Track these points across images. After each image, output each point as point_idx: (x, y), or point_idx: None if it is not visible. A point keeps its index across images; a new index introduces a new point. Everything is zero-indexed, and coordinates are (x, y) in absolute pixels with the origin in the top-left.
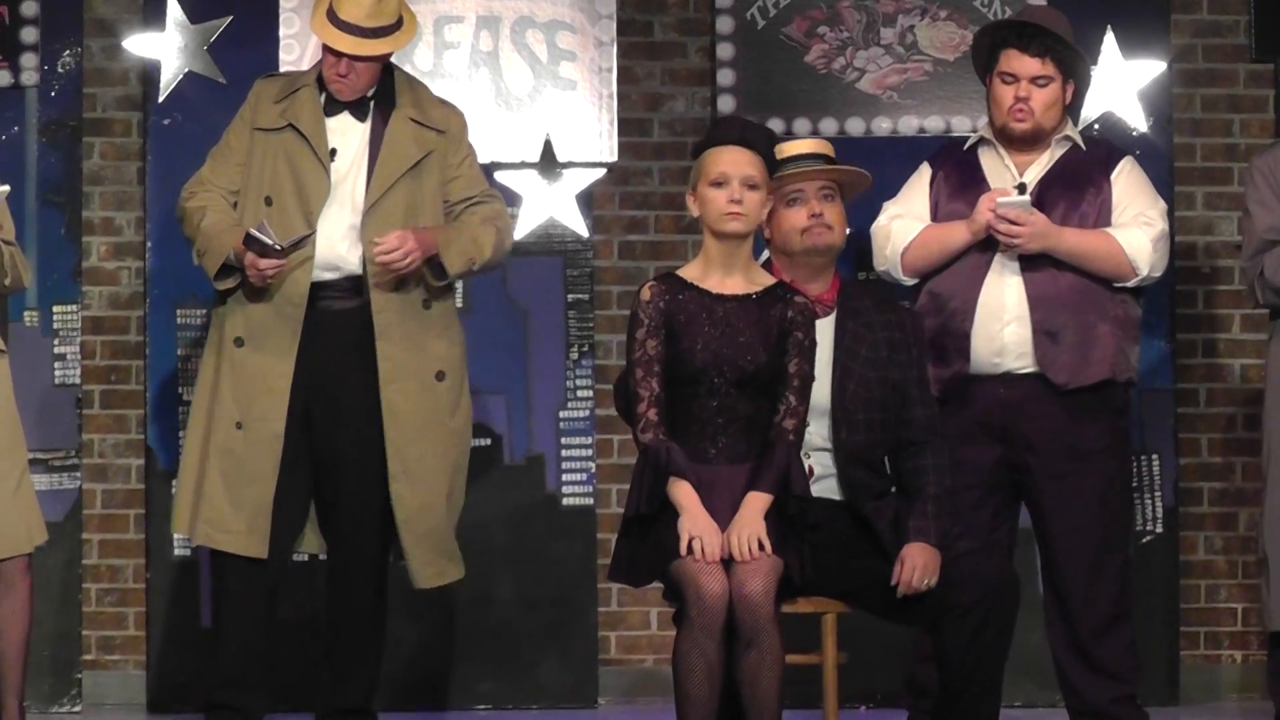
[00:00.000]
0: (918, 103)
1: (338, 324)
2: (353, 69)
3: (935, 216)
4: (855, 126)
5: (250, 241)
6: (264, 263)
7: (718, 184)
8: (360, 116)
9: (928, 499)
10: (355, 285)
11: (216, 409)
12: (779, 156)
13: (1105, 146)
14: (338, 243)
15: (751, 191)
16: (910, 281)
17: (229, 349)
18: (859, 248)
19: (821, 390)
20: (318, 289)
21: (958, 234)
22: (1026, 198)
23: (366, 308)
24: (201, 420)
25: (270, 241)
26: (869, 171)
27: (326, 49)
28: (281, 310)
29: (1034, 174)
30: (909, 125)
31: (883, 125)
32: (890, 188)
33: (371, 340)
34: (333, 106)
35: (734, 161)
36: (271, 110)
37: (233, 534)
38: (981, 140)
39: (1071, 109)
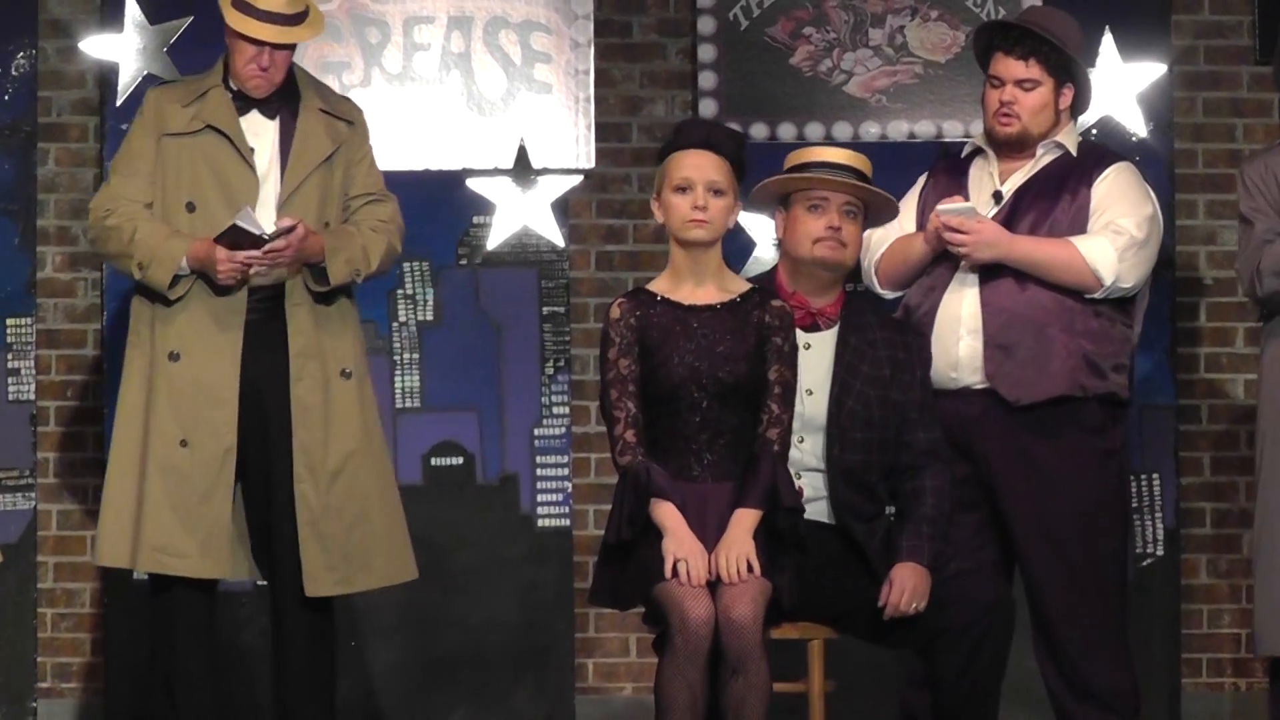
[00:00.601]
0: (908, 107)
1: (265, 328)
2: (274, 61)
3: (921, 227)
4: (842, 131)
5: (233, 233)
6: (242, 254)
7: (681, 189)
8: (269, 114)
9: (923, 519)
10: (276, 287)
11: (154, 427)
12: (812, 158)
13: (1098, 153)
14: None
15: (717, 198)
16: (890, 294)
17: (162, 364)
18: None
19: (818, 406)
20: (250, 292)
21: (917, 245)
22: (971, 204)
23: (282, 308)
24: (134, 441)
25: (259, 231)
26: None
27: (245, 43)
28: (221, 319)
29: (1014, 182)
30: (899, 130)
31: (871, 130)
32: None
33: (284, 339)
34: (242, 106)
35: (698, 166)
36: (181, 114)
37: (186, 557)
38: (978, 148)
39: (1076, 113)
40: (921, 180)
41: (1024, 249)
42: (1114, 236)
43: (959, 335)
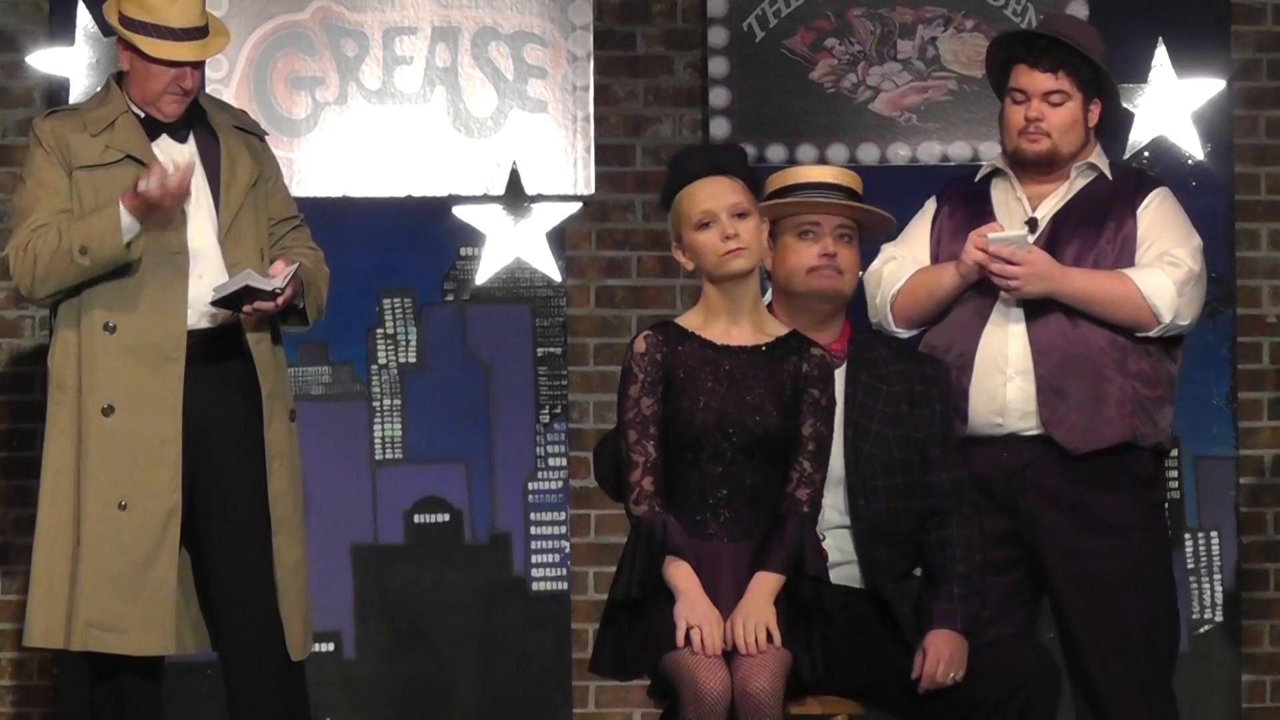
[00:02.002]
0: (940, 126)
1: (207, 370)
2: (195, 79)
3: (936, 259)
4: (868, 154)
5: (240, 295)
6: (252, 306)
7: (704, 225)
8: (180, 137)
9: (953, 578)
10: (225, 326)
11: (87, 490)
12: (797, 180)
13: (1136, 177)
14: (210, 274)
15: (743, 220)
16: (905, 333)
17: (94, 420)
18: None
19: (834, 454)
20: (191, 337)
21: (946, 278)
22: (1022, 232)
23: (237, 346)
24: (64, 506)
25: (271, 286)
26: (885, 205)
27: (161, 67)
28: (158, 366)
29: (1048, 207)
30: (930, 152)
31: (900, 153)
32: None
33: (243, 385)
34: (149, 131)
35: (714, 194)
36: (91, 145)
37: (124, 633)
38: (995, 171)
39: (1101, 132)
40: (930, 207)
41: (1078, 283)
42: (1171, 269)
43: (1006, 377)
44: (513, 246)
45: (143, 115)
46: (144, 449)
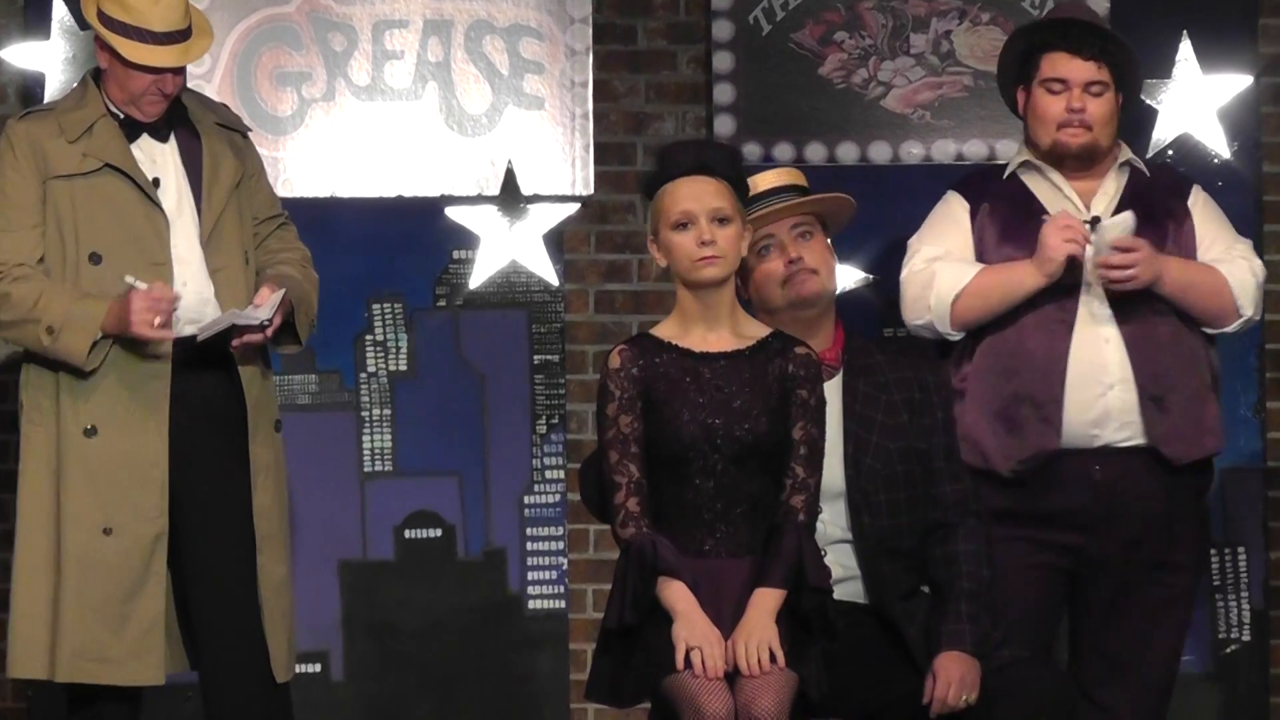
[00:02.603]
0: (955, 124)
1: (194, 380)
2: (175, 83)
3: (983, 260)
4: (880, 152)
5: (228, 332)
6: (240, 341)
7: (681, 225)
8: (161, 136)
9: (961, 596)
10: (192, 340)
11: (69, 514)
12: None
13: (1171, 172)
14: (197, 283)
15: (723, 226)
16: (957, 336)
17: (75, 441)
18: (883, 301)
19: (833, 469)
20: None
21: (1027, 277)
22: (1130, 219)
23: (221, 354)
24: (43, 531)
25: (258, 320)
26: (898, 205)
27: (139, 71)
28: (143, 385)
29: (1101, 204)
30: (945, 151)
31: (913, 151)
32: (922, 224)
33: (227, 396)
34: (129, 132)
35: (695, 195)
36: (68, 152)
37: (113, 663)
38: (1024, 165)
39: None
40: (955, 203)
41: (1176, 271)
42: (1246, 263)
43: (1106, 385)
44: (508, 249)
45: (122, 116)
46: (130, 472)
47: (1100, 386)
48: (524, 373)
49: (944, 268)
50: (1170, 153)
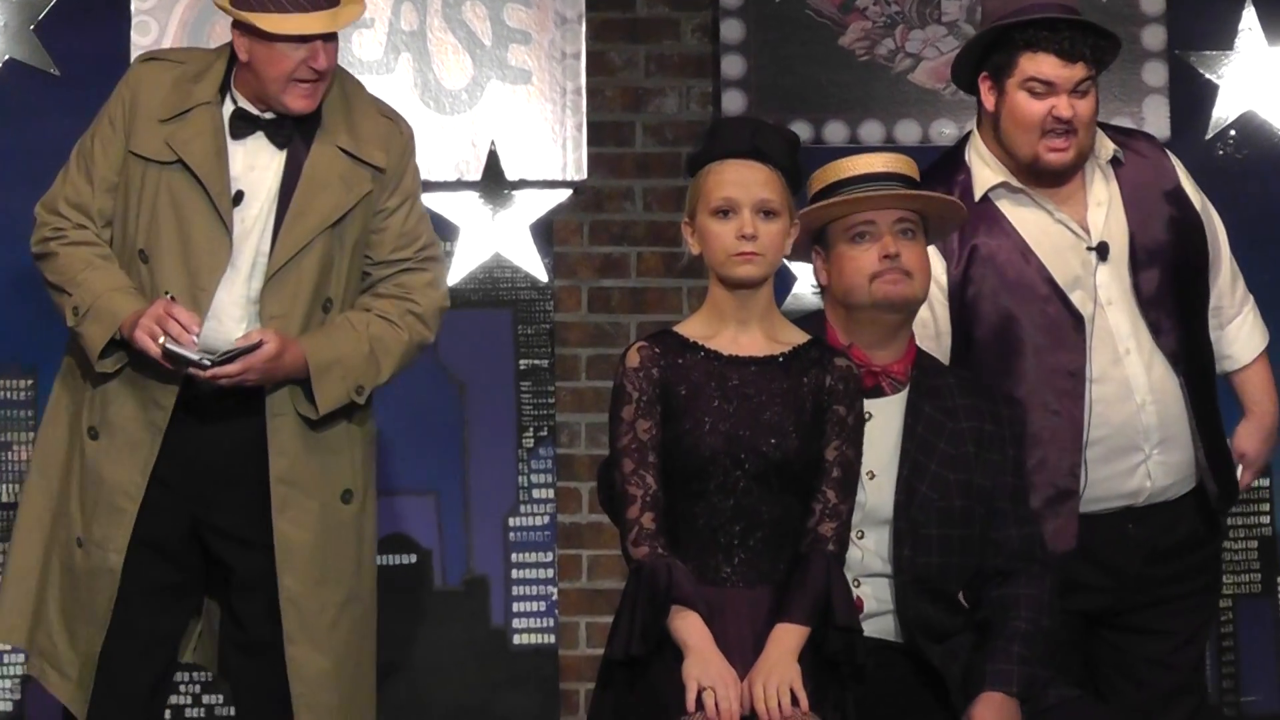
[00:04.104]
0: None
1: (219, 433)
2: (329, 59)
3: (977, 317)
4: (908, 132)
5: (169, 359)
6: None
7: (722, 213)
8: (280, 140)
9: (1014, 637)
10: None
11: (63, 509)
12: (840, 175)
13: (1142, 147)
14: (227, 322)
15: (768, 221)
16: None
17: (82, 435)
18: None
19: (883, 493)
20: (195, 385)
21: None
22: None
23: (258, 408)
24: (47, 515)
25: (196, 356)
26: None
27: (286, 47)
28: (145, 409)
29: (1099, 218)
30: None
31: (944, 131)
32: None
33: (261, 455)
34: (242, 126)
35: (742, 181)
36: (155, 133)
37: (65, 679)
38: (998, 188)
39: None
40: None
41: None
42: (1254, 308)
43: (1146, 453)
44: (491, 241)
45: (233, 109)
46: (105, 494)
47: (1139, 454)
48: (508, 380)
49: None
50: (1233, 133)
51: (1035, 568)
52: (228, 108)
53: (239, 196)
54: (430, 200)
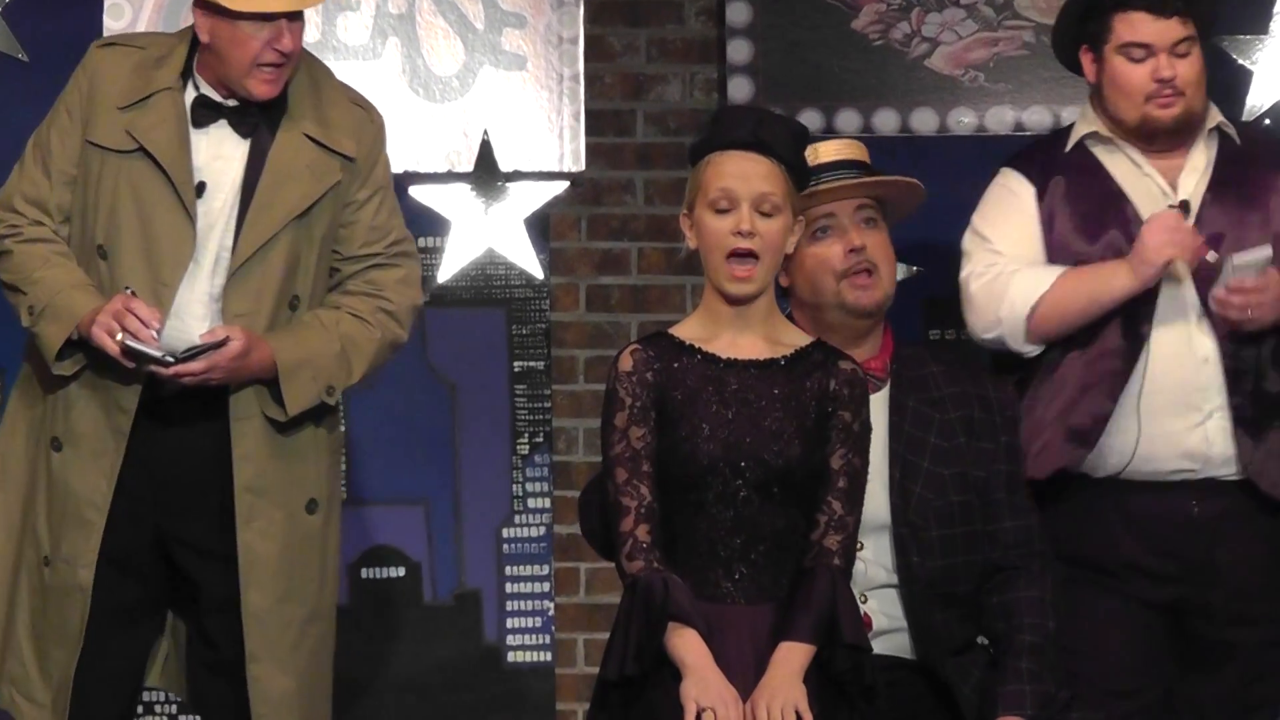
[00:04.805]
0: (1013, 87)
1: (182, 438)
2: (295, 39)
3: (1053, 256)
4: (924, 121)
5: (128, 355)
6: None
7: (719, 207)
8: (244, 129)
9: (1021, 652)
10: (212, 390)
11: (29, 527)
12: None
13: (1268, 137)
14: (189, 321)
15: (767, 219)
16: (1033, 350)
17: (45, 448)
18: (928, 298)
19: (877, 498)
20: (157, 387)
21: (1117, 281)
22: (1267, 252)
23: (222, 412)
24: (12, 535)
25: (159, 353)
26: (946, 185)
27: (250, 27)
28: (107, 418)
29: (1190, 181)
30: (1001, 119)
31: (964, 120)
32: (975, 206)
33: (226, 462)
34: (205, 114)
35: (742, 174)
36: (114, 121)
37: (38, 708)
38: (1091, 136)
39: None
40: (1015, 186)
41: None
42: None
43: (1206, 412)
44: (483, 236)
45: (195, 95)
46: (72, 506)
47: (1198, 414)
48: (502, 382)
49: (1016, 271)
50: (1267, 121)
51: (1035, 565)
52: (189, 94)
53: (201, 188)
54: (420, 193)
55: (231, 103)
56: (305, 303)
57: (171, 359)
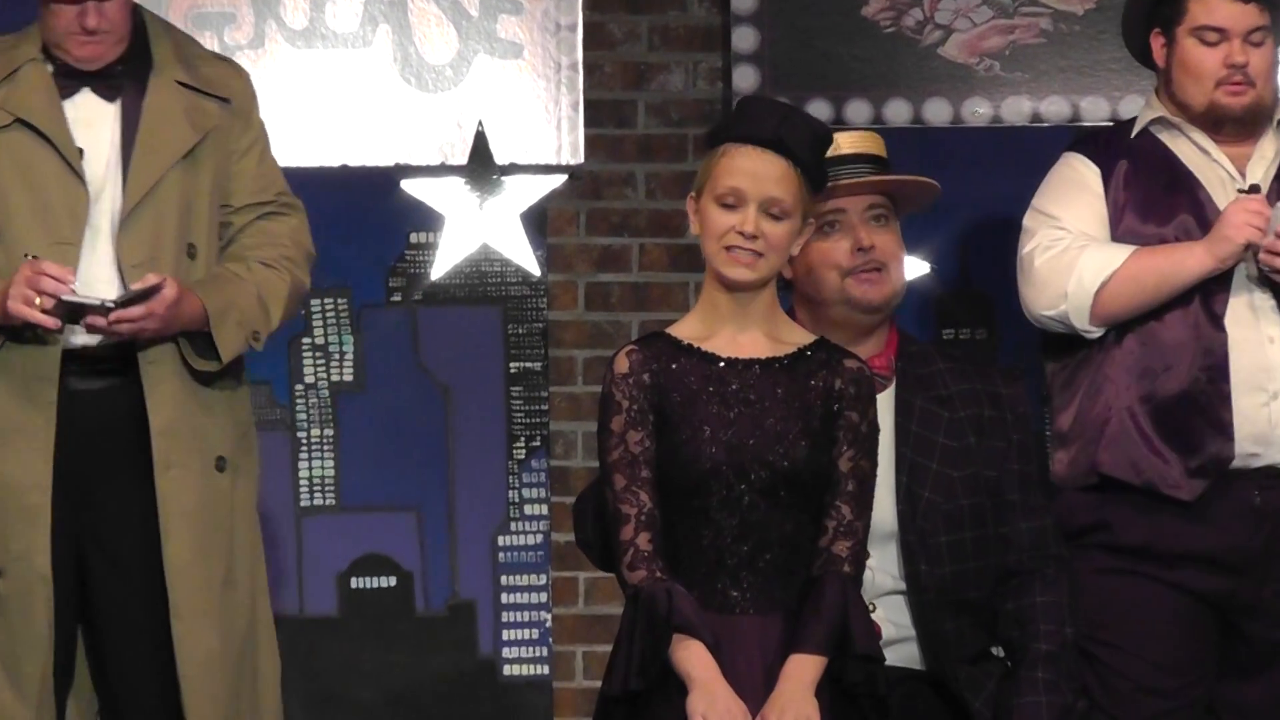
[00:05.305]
0: (1031, 77)
1: (98, 404)
2: (104, 18)
3: (1120, 239)
4: (937, 112)
5: (65, 310)
6: (84, 321)
7: (726, 202)
8: (108, 94)
9: (1037, 661)
10: (118, 348)
11: None
12: None
13: None
14: (97, 287)
15: (776, 223)
16: (1096, 332)
17: None
18: (941, 297)
19: (883, 504)
20: (68, 358)
21: (1192, 261)
22: None
23: (133, 372)
24: None
25: (97, 300)
26: (960, 178)
27: (50, 4)
28: (27, 393)
29: (1259, 170)
30: (1017, 110)
31: (979, 110)
32: (991, 200)
33: (136, 419)
34: (70, 84)
35: (755, 172)
36: None
37: None
38: (1158, 122)
39: None
40: (1084, 167)
41: None
42: None
43: (1270, 392)
44: (478, 232)
45: (54, 66)
46: (12, 498)
47: (1264, 395)
48: (497, 384)
49: (1091, 255)
50: None
51: (1050, 569)
52: (48, 66)
53: (79, 154)
54: (412, 187)
55: (93, 68)
56: (202, 252)
57: (111, 304)
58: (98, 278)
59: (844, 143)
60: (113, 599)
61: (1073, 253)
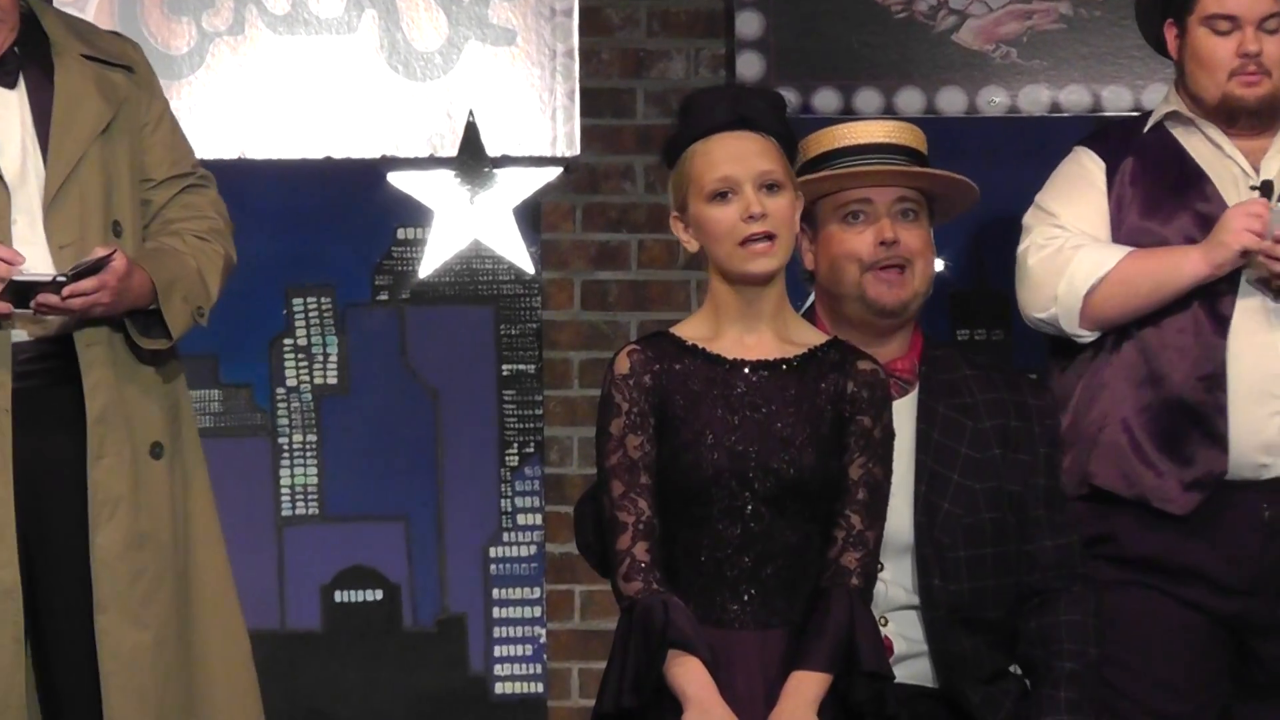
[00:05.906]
0: (1049, 65)
1: (47, 395)
2: None
3: (1121, 237)
4: (952, 101)
5: (15, 290)
6: (35, 301)
7: (720, 195)
8: (7, 81)
9: (1061, 680)
10: (57, 342)
11: None
12: (834, 144)
13: None
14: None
15: (775, 196)
16: (1088, 336)
17: None
18: (956, 297)
19: (900, 515)
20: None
21: (1187, 265)
22: None
23: (74, 366)
24: None
25: (50, 276)
26: (976, 170)
27: None
28: None
29: (1274, 166)
30: (1035, 99)
31: (995, 99)
32: (1008, 195)
33: (71, 402)
34: None
35: (737, 155)
36: None
37: None
38: (1171, 116)
39: None
40: (1091, 163)
41: None
42: None
43: (1277, 397)
44: (469, 227)
45: None
46: None
47: (1275, 403)
48: (489, 388)
49: (1080, 247)
50: None
51: (1076, 588)
52: None
53: None
54: (399, 180)
55: None
56: (128, 229)
57: (65, 277)
58: (37, 265)
59: (879, 131)
60: (49, 595)
61: (1066, 253)
